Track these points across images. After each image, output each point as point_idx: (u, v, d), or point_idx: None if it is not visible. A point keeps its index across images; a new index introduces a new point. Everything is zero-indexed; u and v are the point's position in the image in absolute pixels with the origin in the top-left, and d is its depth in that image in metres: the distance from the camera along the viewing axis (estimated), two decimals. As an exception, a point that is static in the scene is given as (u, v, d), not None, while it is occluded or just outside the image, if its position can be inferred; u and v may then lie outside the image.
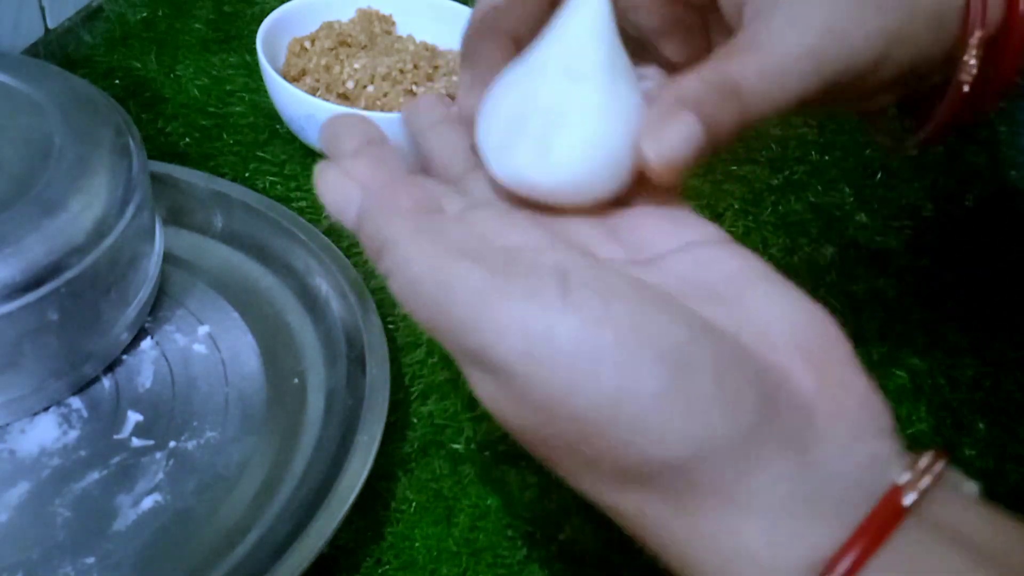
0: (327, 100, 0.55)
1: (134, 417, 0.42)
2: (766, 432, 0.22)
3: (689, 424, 0.21)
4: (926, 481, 0.21)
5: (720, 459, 0.21)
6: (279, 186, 0.55)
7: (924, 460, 0.22)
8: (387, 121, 0.55)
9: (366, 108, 0.54)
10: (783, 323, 0.24)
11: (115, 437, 0.41)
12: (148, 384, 0.43)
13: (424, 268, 0.23)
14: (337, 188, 0.25)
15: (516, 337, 0.22)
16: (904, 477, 0.21)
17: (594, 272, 0.23)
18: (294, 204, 0.54)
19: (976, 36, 0.28)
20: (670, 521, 0.22)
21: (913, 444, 0.23)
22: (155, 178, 0.46)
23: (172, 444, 0.41)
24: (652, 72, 0.31)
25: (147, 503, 0.39)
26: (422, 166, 0.31)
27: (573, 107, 0.26)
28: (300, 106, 0.54)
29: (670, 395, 0.21)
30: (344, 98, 0.56)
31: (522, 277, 0.22)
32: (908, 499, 0.21)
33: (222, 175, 0.54)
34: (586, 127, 0.26)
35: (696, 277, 0.25)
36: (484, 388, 0.23)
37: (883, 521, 0.21)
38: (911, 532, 0.21)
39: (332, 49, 0.58)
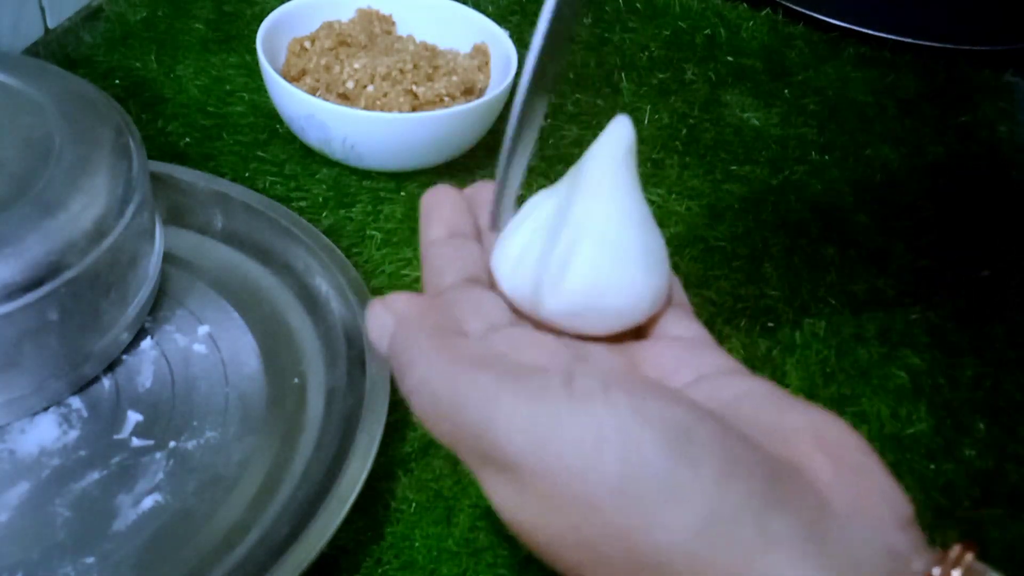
0: (327, 100, 0.55)
1: (134, 417, 0.42)
2: (776, 513, 0.21)
3: (694, 503, 0.21)
4: None
5: (729, 539, 0.21)
6: (279, 186, 0.55)
7: (952, 554, 0.22)
8: (387, 121, 0.55)
9: (366, 108, 0.54)
10: (795, 422, 0.24)
11: (115, 437, 0.41)
12: (148, 384, 0.43)
13: (440, 381, 0.24)
14: (375, 319, 0.27)
15: (524, 433, 0.22)
16: (935, 572, 0.21)
17: (597, 368, 0.24)
18: (294, 204, 0.54)
19: None
20: None
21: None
22: (155, 178, 0.46)
23: (172, 444, 0.41)
24: None
25: (147, 503, 0.39)
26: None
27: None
28: (300, 106, 0.54)
29: (674, 474, 0.21)
30: (344, 98, 0.56)
31: (528, 378, 0.23)
32: None
33: (222, 175, 0.54)
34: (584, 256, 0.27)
35: (710, 402, 0.25)
36: (495, 488, 0.24)
37: None
38: None
39: (332, 49, 0.58)
